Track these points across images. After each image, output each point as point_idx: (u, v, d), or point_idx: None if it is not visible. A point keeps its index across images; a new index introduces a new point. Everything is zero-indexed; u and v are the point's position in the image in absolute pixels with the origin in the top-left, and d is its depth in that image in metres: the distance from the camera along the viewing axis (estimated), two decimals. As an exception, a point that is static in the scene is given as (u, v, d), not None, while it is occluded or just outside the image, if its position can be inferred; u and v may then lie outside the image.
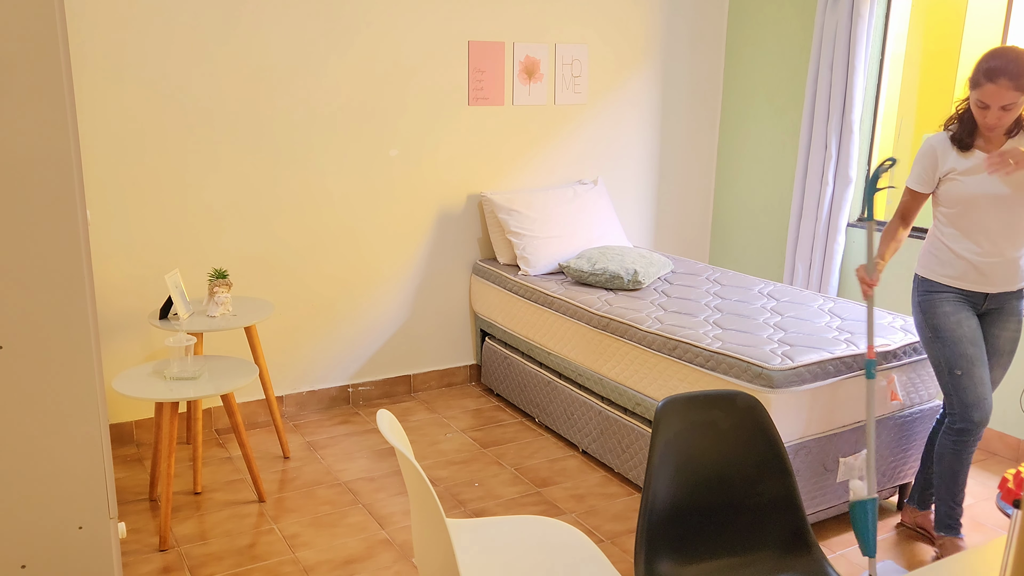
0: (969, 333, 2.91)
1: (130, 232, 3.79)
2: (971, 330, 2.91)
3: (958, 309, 2.93)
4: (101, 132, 3.65)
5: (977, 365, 2.89)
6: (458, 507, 3.43)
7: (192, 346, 3.21)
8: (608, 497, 3.51)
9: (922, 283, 3.00)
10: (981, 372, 2.90)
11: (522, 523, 2.33)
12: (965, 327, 2.91)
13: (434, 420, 4.28)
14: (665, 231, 5.29)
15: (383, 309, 4.45)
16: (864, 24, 4.23)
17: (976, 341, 2.91)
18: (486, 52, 4.42)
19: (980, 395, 2.89)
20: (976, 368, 2.89)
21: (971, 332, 2.91)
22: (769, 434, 2.19)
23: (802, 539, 2.17)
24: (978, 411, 2.89)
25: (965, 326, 2.91)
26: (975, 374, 2.89)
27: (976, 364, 2.89)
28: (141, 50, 3.66)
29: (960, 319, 2.92)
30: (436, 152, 4.42)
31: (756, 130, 5.06)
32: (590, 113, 4.82)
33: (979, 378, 2.89)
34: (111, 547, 1.98)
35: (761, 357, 3.04)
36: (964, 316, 2.92)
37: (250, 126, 3.93)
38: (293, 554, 3.09)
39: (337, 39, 4.04)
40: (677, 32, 5.00)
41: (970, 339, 2.90)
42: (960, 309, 2.93)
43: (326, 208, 4.19)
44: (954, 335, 2.91)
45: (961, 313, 2.93)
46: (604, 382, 3.67)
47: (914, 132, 4.66)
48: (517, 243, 4.37)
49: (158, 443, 3.29)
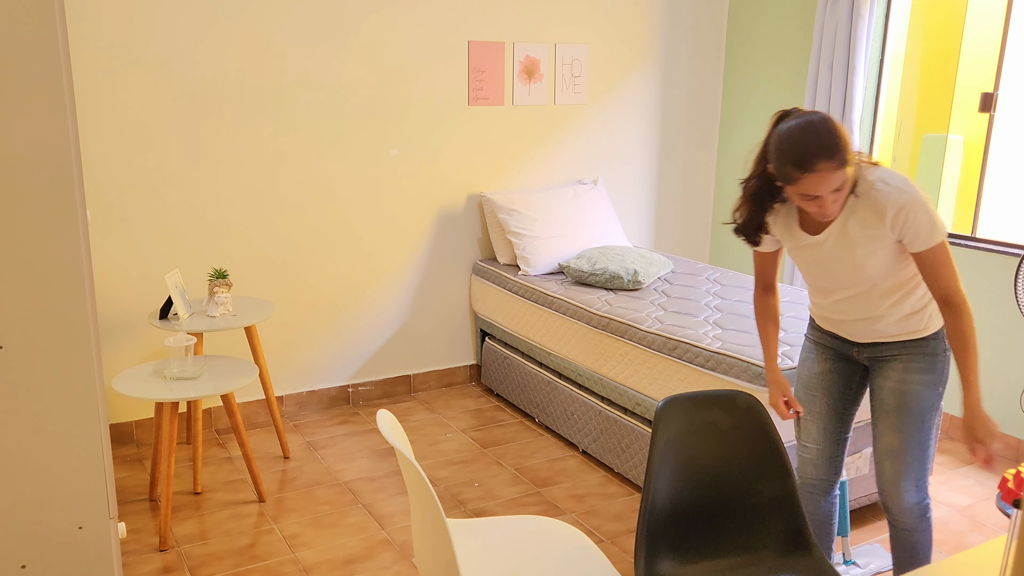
0: (806, 376, 2.53)
1: (130, 232, 3.79)
2: (811, 373, 2.51)
3: (814, 348, 2.53)
4: (101, 132, 3.65)
5: (805, 416, 2.52)
6: (458, 507, 3.43)
7: (192, 346, 3.21)
8: (608, 497, 3.51)
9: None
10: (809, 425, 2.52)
11: (522, 523, 2.33)
12: (807, 368, 2.53)
13: (434, 420, 4.28)
14: (665, 231, 5.29)
15: (383, 309, 4.46)
16: (864, 24, 4.23)
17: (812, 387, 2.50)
18: (486, 52, 4.42)
19: (806, 447, 2.54)
20: (804, 419, 2.53)
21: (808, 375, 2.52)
22: (769, 434, 2.19)
23: (802, 539, 2.17)
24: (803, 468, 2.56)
25: (807, 367, 2.53)
26: (803, 425, 2.54)
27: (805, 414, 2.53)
28: (141, 49, 3.66)
29: (807, 358, 2.54)
30: (436, 152, 4.42)
31: (756, 130, 5.06)
32: (590, 113, 4.82)
33: (805, 429, 2.53)
34: (111, 547, 1.98)
35: (761, 357, 3.04)
36: (815, 356, 2.52)
37: (250, 126, 3.93)
38: (293, 554, 3.09)
39: (337, 40, 4.04)
40: (677, 32, 5.00)
41: (805, 382, 2.53)
42: (816, 350, 2.53)
43: (326, 208, 4.19)
44: (799, 372, 2.57)
45: (814, 354, 2.52)
46: (604, 382, 3.67)
47: (914, 132, 4.66)
48: (517, 243, 4.37)
49: (158, 443, 3.29)
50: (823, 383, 2.49)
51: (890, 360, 2.38)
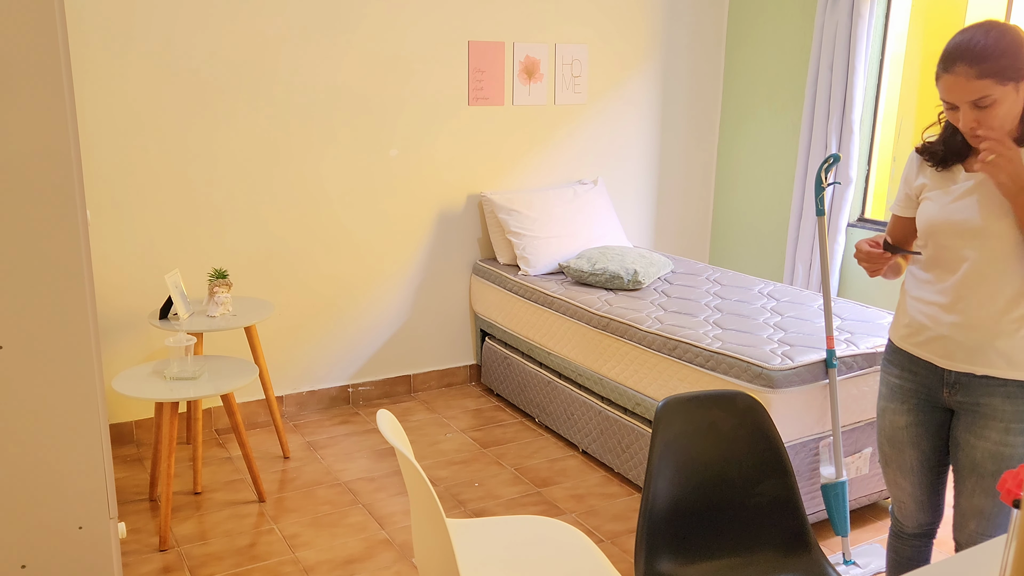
0: (888, 428, 2.23)
1: (130, 232, 3.79)
2: (894, 427, 2.21)
3: (894, 394, 2.20)
4: (100, 132, 3.65)
5: (892, 468, 2.26)
6: (458, 507, 3.43)
7: (192, 346, 3.20)
8: (608, 497, 3.51)
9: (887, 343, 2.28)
10: (899, 478, 2.27)
11: (522, 523, 2.33)
12: (888, 419, 2.23)
13: (434, 420, 4.28)
14: (665, 231, 5.29)
15: (383, 309, 4.45)
16: (864, 24, 4.23)
17: (896, 442, 2.22)
18: (486, 52, 4.42)
19: (898, 497, 2.30)
20: (892, 471, 2.27)
21: (891, 429, 2.22)
22: (769, 434, 2.19)
23: (802, 539, 2.16)
24: (899, 514, 2.32)
25: (888, 419, 2.23)
26: (890, 476, 2.29)
27: (892, 466, 2.26)
28: (141, 49, 3.66)
29: (887, 407, 2.23)
30: (436, 152, 4.42)
31: (756, 130, 5.06)
32: (590, 113, 4.82)
33: (892, 480, 2.29)
34: (111, 547, 1.98)
35: (761, 357, 3.04)
36: (896, 406, 2.20)
37: (253, 126, 3.93)
38: (293, 554, 3.09)
39: (337, 41, 4.04)
40: (677, 32, 5.00)
41: (888, 436, 2.24)
42: (896, 396, 2.19)
43: (327, 208, 4.19)
44: (879, 423, 2.28)
45: (894, 402, 2.20)
46: (604, 382, 3.67)
47: (914, 132, 4.66)
48: (517, 243, 4.37)
49: (158, 443, 3.29)
50: (909, 437, 2.18)
51: (987, 415, 2.00)
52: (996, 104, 1.87)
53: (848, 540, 3.02)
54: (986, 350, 1.98)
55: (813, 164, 4.54)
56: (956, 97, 1.90)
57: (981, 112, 1.89)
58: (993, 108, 1.88)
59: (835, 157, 2.90)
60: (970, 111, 1.90)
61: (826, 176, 2.93)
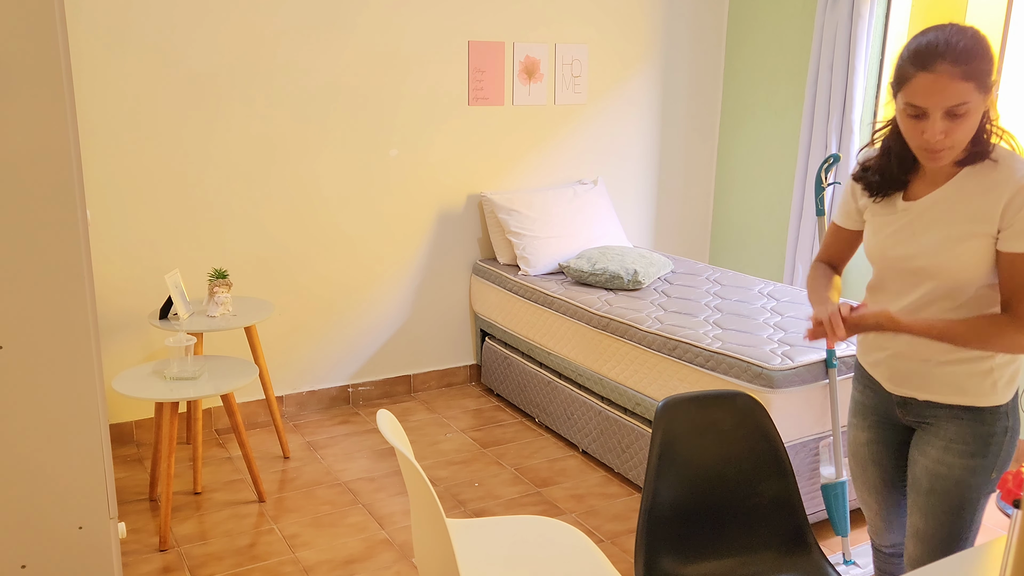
0: (852, 444, 2.18)
1: (130, 232, 3.79)
2: (856, 443, 2.16)
3: (857, 409, 2.15)
4: (101, 132, 3.65)
5: (859, 484, 2.20)
6: (458, 507, 3.43)
7: (192, 346, 3.20)
8: (608, 497, 3.51)
9: None
10: (865, 495, 2.21)
11: (522, 523, 2.33)
12: (852, 435, 2.18)
13: (434, 420, 4.28)
14: (665, 231, 5.29)
15: (383, 309, 4.45)
16: (864, 24, 4.23)
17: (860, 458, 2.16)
18: (486, 52, 4.42)
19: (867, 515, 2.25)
20: (859, 488, 2.21)
21: (854, 445, 2.17)
22: (769, 434, 2.19)
23: (802, 539, 2.16)
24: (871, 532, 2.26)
25: (852, 434, 2.18)
26: (858, 493, 2.23)
27: (858, 482, 2.20)
28: (141, 49, 3.66)
29: (851, 422, 2.18)
30: (436, 152, 4.42)
31: (756, 130, 5.06)
32: (590, 113, 4.82)
33: (860, 498, 2.23)
34: (111, 547, 1.98)
35: (761, 357, 3.04)
36: (858, 421, 2.15)
37: (252, 126, 3.93)
38: (293, 554, 3.09)
39: (337, 41, 4.04)
40: (677, 32, 5.00)
41: (852, 452, 2.19)
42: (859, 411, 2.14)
43: (327, 208, 4.19)
44: (847, 438, 2.24)
45: (857, 417, 2.15)
46: (604, 382, 3.67)
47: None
48: (517, 243, 4.37)
49: (158, 443, 3.29)
50: (871, 454, 2.13)
51: (931, 432, 1.94)
52: (968, 115, 1.70)
53: (848, 540, 3.02)
54: (927, 378, 1.92)
55: (813, 164, 4.54)
56: (933, 101, 1.69)
57: (951, 123, 1.70)
58: (965, 119, 1.71)
59: (835, 157, 2.91)
60: (941, 120, 1.70)
61: (826, 176, 2.93)
